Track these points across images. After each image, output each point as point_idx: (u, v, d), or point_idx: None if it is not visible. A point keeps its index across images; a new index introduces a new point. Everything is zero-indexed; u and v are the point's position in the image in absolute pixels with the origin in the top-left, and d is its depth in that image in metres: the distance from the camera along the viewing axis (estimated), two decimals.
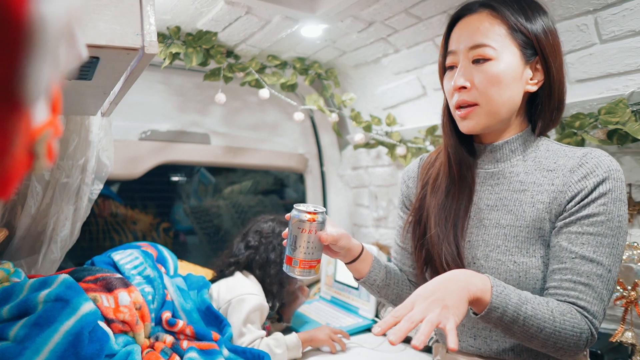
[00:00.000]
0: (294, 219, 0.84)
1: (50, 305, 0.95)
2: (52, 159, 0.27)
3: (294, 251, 0.84)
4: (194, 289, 1.36)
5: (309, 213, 0.83)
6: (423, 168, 1.00)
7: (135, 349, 1.07)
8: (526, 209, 0.81)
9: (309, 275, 0.85)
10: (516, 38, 0.80)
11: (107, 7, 0.68)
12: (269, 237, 1.44)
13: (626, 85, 1.13)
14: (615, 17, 1.08)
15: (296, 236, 0.84)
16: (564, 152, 0.83)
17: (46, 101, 0.25)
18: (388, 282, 0.96)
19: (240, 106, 1.97)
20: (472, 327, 0.86)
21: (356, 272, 0.94)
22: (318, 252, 0.85)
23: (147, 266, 1.24)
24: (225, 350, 1.21)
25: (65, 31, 0.24)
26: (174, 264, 1.48)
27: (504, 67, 0.80)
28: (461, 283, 0.69)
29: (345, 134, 2.12)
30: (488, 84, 0.80)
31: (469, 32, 0.82)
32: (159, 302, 1.21)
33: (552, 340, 0.72)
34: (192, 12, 1.37)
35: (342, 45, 1.67)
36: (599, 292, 0.73)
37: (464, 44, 0.82)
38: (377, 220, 2.11)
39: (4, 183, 0.24)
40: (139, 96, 1.66)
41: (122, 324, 1.09)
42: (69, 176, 1.33)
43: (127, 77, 0.87)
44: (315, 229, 0.83)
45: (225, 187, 2.30)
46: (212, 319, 1.30)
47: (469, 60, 0.82)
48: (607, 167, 0.76)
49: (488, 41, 0.80)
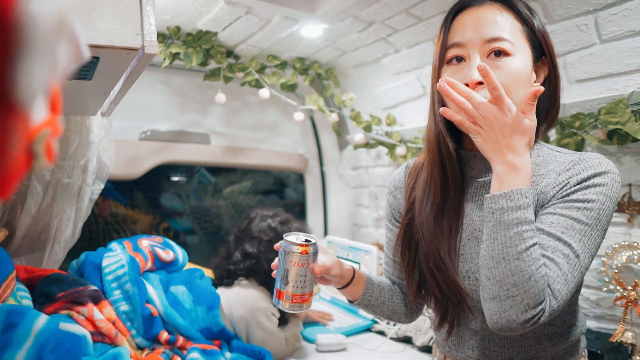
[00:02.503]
0: (284, 250, 0.79)
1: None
2: (52, 159, 0.27)
3: (285, 285, 0.79)
4: (202, 305, 1.26)
5: (301, 245, 0.78)
6: (410, 177, 0.93)
7: (123, 351, 1.04)
8: None
9: (300, 309, 0.80)
10: (528, 36, 0.76)
11: (107, 7, 0.68)
12: (270, 243, 1.36)
13: (626, 85, 1.13)
14: (615, 17, 1.08)
15: (287, 269, 0.78)
16: (555, 157, 0.78)
17: (44, 100, 0.25)
18: (383, 300, 0.93)
19: (240, 106, 1.97)
20: (469, 338, 0.84)
21: (349, 294, 0.91)
22: (310, 284, 0.80)
23: (128, 279, 1.16)
24: (228, 353, 1.21)
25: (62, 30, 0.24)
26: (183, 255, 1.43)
27: (522, 64, 0.74)
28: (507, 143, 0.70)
29: (345, 134, 2.12)
30: (510, 81, 0.73)
31: (483, 23, 0.75)
32: (139, 322, 1.13)
33: (519, 277, 0.65)
34: (192, 12, 1.37)
35: (342, 45, 1.67)
36: (563, 271, 0.67)
37: (478, 35, 0.75)
38: (377, 220, 2.11)
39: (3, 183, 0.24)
40: (139, 96, 1.66)
41: (102, 337, 1.07)
42: (70, 177, 1.33)
43: (127, 77, 0.87)
44: (307, 261, 0.78)
45: (225, 187, 2.30)
46: (220, 339, 1.26)
47: (484, 53, 0.75)
48: (598, 164, 0.71)
49: (507, 35, 0.74)
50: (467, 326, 0.84)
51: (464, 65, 0.76)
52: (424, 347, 1.40)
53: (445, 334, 0.86)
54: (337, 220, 2.29)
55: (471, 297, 0.80)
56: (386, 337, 1.51)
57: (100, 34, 0.68)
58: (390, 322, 1.56)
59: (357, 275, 0.89)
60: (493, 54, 0.74)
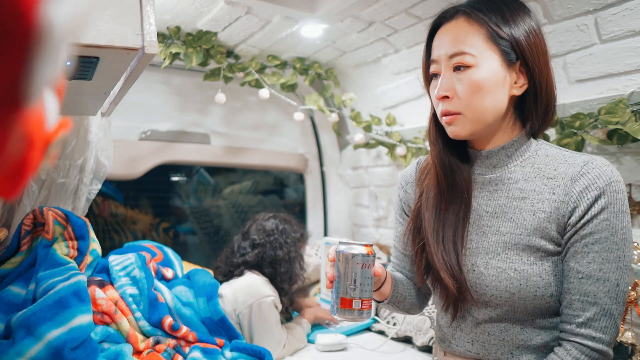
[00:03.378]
0: (346, 255, 0.77)
1: (50, 304, 0.94)
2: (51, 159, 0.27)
3: (353, 291, 0.76)
4: (202, 296, 1.31)
5: (366, 246, 0.78)
6: (421, 172, 0.98)
7: (125, 349, 1.06)
8: (526, 217, 0.80)
9: (369, 317, 0.78)
10: (495, 42, 0.79)
11: (107, 7, 0.68)
12: (274, 235, 1.45)
13: (626, 85, 1.13)
14: (615, 17, 1.08)
15: (355, 273, 0.76)
16: (564, 157, 0.81)
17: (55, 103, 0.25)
18: (405, 295, 0.96)
19: (240, 106, 1.97)
20: (469, 332, 0.86)
21: (379, 295, 0.93)
22: (372, 289, 0.79)
23: (135, 267, 1.22)
24: (228, 352, 1.21)
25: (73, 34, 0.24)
26: (179, 265, 1.47)
27: (485, 73, 0.79)
28: None
29: (345, 134, 2.12)
30: (469, 92, 0.79)
31: (448, 39, 0.81)
32: (145, 304, 1.18)
33: None
34: (192, 12, 1.37)
35: (342, 45, 1.67)
36: (607, 309, 0.74)
37: (444, 52, 0.81)
38: (377, 220, 2.11)
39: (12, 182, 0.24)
40: (139, 96, 1.66)
41: (101, 315, 1.10)
42: (65, 176, 1.33)
43: (127, 77, 0.87)
44: (372, 263, 0.77)
45: (225, 187, 2.30)
46: (221, 329, 1.28)
47: (450, 68, 0.81)
48: (608, 179, 0.75)
49: (466, 48, 0.79)
50: (469, 314, 0.86)
51: (439, 79, 0.83)
52: (424, 347, 1.40)
53: (449, 319, 0.88)
54: (337, 221, 2.29)
55: (475, 289, 0.82)
56: (386, 337, 1.51)
57: (100, 34, 0.68)
58: (404, 314, 1.56)
59: (387, 274, 0.91)
60: (455, 69, 0.80)
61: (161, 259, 1.42)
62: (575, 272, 0.76)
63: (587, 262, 0.75)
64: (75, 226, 1.17)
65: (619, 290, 0.75)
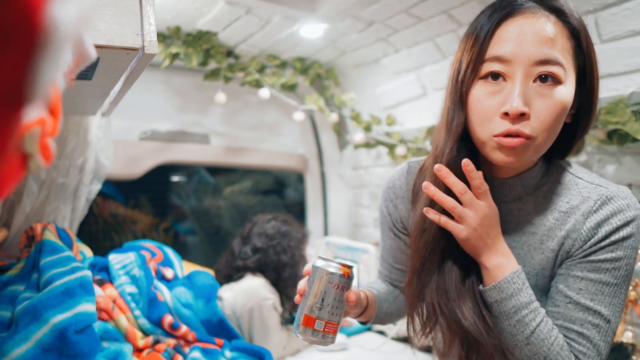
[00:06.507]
0: (320, 270, 0.70)
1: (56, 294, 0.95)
2: (48, 158, 0.27)
3: (319, 310, 0.68)
4: (201, 298, 1.31)
5: (343, 266, 0.70)
6: (414, 186, 0.84)
7: (125, 349, 1.06)
8: (535, 255, 0.73)
9: (327, 342, 0.70)
10: (577, 60, 0.65)
11: (107, 7, 0.68)
12: (276, 239, 1.43)
13: (626, 85, 1.13)
14: (615, 17, 1.08)
15: (324, 292, 0.69)
16: (578, 189, 0.70)
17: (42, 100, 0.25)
18: (391, 311, 0.91)
19: (240, 106, 1.97)
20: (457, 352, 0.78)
21: (363, 318, 0.85)
22: (341, 313, 0.71)
23: (135, 266, 1.23)
24: (228, 352, 1.21)
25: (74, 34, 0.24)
26: (180, 265, 1.47)
27: (569, 94, 0.64)
28: (492, 242, 0.69)
29: (345, 134, 2.12)
30: (553, 113, 0.62)
31: (537, 38, 0.62)
32: (144, 302, 1.19)
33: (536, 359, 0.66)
34: (192, 12, 1.37)
35: (342, 45, 1.67)
36: (594, 343, 0.66)
37: (527, 52, 0.62)
38: (377, 220, 2.11)
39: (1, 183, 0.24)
40: (139, 96, 1.66)
41: (99, 312, 1.10)
42: (65, 176, 1.33)
43: (127, 77, 0.87)
44: (346, 285, 0.70)
45: (225, 187, 2.30)
46: (221, 331, 1.28)
47: (529, 77, 0.62)
48: (627, 206, 0.66)
49: (561, 58, 0.62)
50: None
51: (503, 86, 0.64)
52: (424, 347, 1.40)
53: None
54: (337, 221, 2.29)
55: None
56: (386, 337, 1.51)
57: (100, 34, 0.68)
58: None
59: (369, 299, 0.84)
60: (540, 79, 0.63)
61: (161, 259, 1.42)
62: (563, 297, 0.68)
63: (578, 287, 0.67)
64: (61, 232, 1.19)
65: (609, 328, 0.67)
